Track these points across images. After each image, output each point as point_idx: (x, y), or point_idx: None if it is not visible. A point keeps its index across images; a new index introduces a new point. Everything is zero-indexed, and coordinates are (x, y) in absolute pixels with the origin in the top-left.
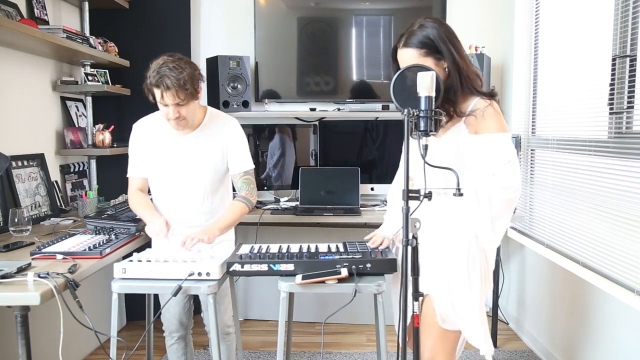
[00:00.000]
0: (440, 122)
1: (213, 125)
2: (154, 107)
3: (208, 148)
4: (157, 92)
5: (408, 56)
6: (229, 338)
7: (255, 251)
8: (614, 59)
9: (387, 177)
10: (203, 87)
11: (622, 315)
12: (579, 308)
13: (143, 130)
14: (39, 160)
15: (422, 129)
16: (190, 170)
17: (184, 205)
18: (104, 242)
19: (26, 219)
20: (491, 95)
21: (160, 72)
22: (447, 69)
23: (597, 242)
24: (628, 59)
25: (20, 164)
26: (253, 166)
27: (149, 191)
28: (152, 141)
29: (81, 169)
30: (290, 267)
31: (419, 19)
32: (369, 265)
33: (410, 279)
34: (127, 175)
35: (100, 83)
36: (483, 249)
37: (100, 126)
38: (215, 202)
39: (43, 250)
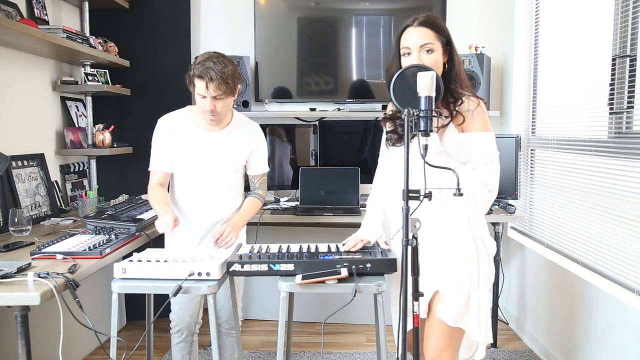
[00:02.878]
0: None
1: (239, 127)
2: (154, 107)
3: (232, 148)
4: (200, 83)
5: (423, 35)
6: (234, 331)
7: (255, 251)
8: (614, 59)
9: None
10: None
11: (622, 315)
12: (578, 308)
13: (169, 124)
14: (39, 160)
15: (422, 129)
16: (213, 168)
17: (203, 201)
18: (104, 242)
19: (26, 219)
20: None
21: (206, 64)
22: (446, 64)
23: (597, 242)
24: (628, 59)
25: (20, 164)
26: (269, 169)
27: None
28: (178, 136)
29: (81, 169)
30: (290, 267)
31: (421, 14)
32: (369, 265)
33: (410, 279)
34: (149, 169)
35: (100, 83)
36: (482, 239)
37: (100, 126)
38: (230, 199)
39: (43, 250)
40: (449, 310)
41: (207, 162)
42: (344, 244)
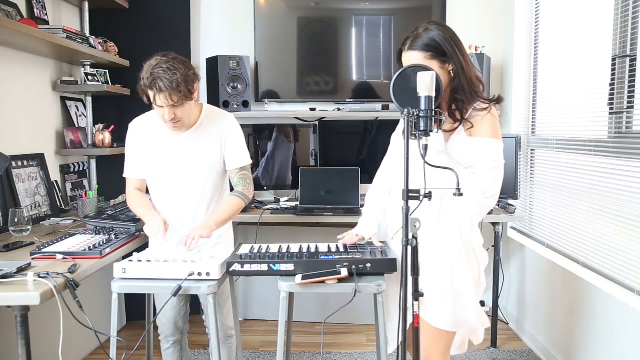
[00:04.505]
0: (441, 122)
1: (210, 123)
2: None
3: (205, 146)
4: (151, 94)
5: (413, 59)
6: (231, 341)
7: (255, 251)
8: (614, 59)
9: None
10: (199, 86)
11: (622, 315)
12: (578, 308)
13: (139, 129)
14: (39, 160)
15: (422, 129)
16: (187, 169)
17: (182, 205)
18: (104, 242)
19: (26, 219)
20: (496, 101)
21: (154, 74)
22: (452, 72)
23: (597, 242)
24: (628, 59)
25: (20, 164)
26: (250, 162)
27: (147, 191)
28: (149, 140)
29: (81, 169)
30: (290, 267)
31: (424, 22)
32: (369, 265)
33: (410, 279)
34: (124, 175)
35: (100, 83)
36: (471, 247)
37: (100, 126)
38: (215, 200)
39: (43, 250)
40: (432, 312)
41: (181, 164)
42: (340, 238)
